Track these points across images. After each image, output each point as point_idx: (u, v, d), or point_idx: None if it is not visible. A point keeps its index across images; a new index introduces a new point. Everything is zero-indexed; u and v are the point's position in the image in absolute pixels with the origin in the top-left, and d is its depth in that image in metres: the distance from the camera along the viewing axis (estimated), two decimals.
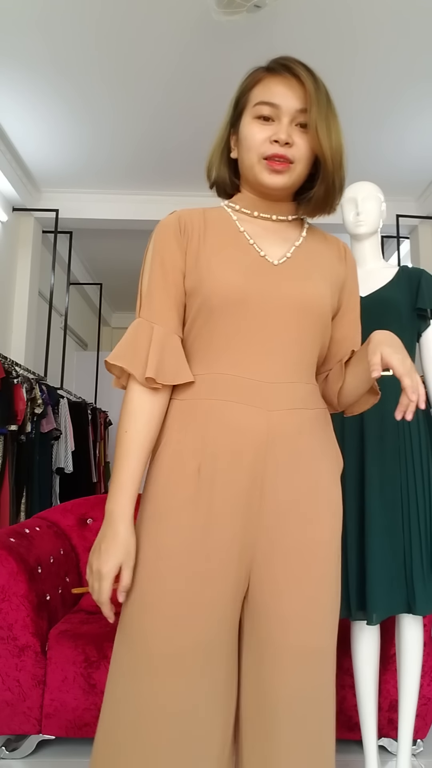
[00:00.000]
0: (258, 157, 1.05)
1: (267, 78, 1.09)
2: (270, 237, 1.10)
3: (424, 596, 1.62)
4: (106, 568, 0.97)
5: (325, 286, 1.08)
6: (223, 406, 1.01)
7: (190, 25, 2.90)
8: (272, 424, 1.01)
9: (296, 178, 1.07)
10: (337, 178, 1.08)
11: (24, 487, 3.69)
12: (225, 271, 1.03)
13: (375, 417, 1.72)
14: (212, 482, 0.99)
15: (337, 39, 2.98)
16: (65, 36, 2.98)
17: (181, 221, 1.08)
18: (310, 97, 1.04)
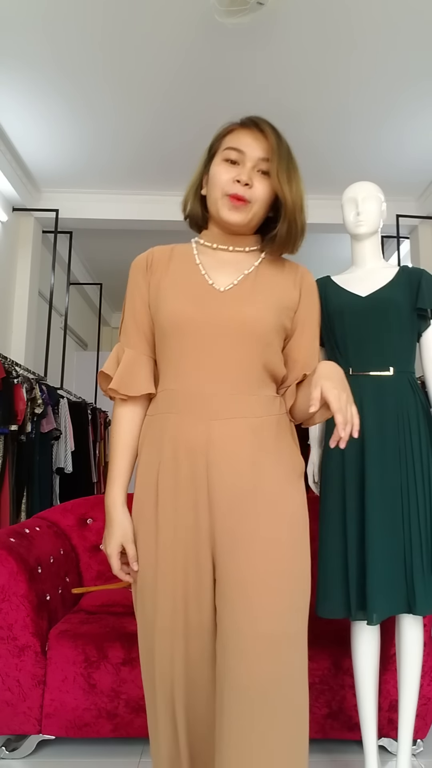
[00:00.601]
0: (221, 194, 1.20)
1: (238, 129, 1.24)
2: (223, 267, 1.24)
3: (424, 596, 1.62)
4: (110, 550, 1.18)
5: (268, 310, 1.19)
6: (172, 418, 1.17)
7: (191, 26, 2.90)
8: (212, 432, 1.14)
9: (252, 216, 1.22)
10: (298, 220, 1.23)
11: (24, 487, 3.69)
12: (174, 300, 1.20)
13: (375, 417, 1.72)
14: (164, 487, 1.16)
15: (336, 39, 2.98)
16: (66, 36, 2.98)
17: (149, 259, 1.28)
18: (273, 148, 1.20)
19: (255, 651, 1.05)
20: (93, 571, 2.47)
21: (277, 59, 3.13)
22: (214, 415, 1.15)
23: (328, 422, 1.83)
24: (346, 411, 1.05)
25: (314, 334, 1.28)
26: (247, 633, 1.06)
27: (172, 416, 1.17)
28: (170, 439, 1.17)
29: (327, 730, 1.93)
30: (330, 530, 1.72)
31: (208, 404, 1.16)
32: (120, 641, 1.95)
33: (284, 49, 3.05)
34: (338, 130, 3.79)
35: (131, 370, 1.23)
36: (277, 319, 1.20)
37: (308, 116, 3.65)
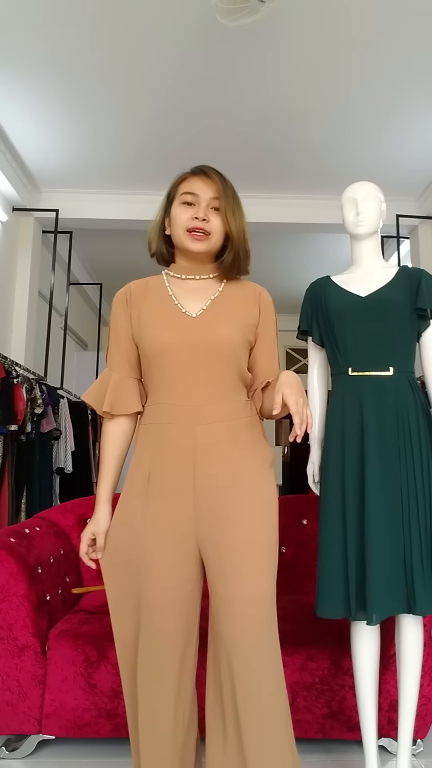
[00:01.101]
0: (183, 230, 1.43)
1: (190, 177, 1.48)
2: (192, 295, 1.47)
3: (424, 596, 1.62)
4: (83, 534, 1.47)
5: (233, 329, 1.42)
6: (163, 427, 1.41)
7: (191, 26, 2.90)
8: (197, 436, 1.38)
9: (212, 245, 1.45)
10: (242, 249, 1.47)
11: (24, 487, 3.69)
12: (154, 328, 1.42)
13: (375, 417, 1.72)
14: (160, 481, 1.39)
15: (336, 40, 2.98)
16: (66, 36, 2.98)
17: (128, 294, 1.50)
18: (220, 191, 1.45)
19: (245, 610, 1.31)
20: (93, 571, 2.47)
21: (278, 59, 3.13)
22: (197, 421, 1.39)
23: (327, 423, 1.83)
24: (303, 413, 1.26)
25: (273, 344, 1.51)
26: (236, 597, 1.31)
27: (163, 425, 1.41)
28: (164, 443, 1.40)
29: (327, 730, 1.93)
30: (330, 530, 1.72)
31: (192, 413, 1.39)
32: None
33: (284, 49, 3.05)
34: (338, 130, 3.79)
35: (119, 393, 1.47)
36: (243, 336, 1.44)
37: (308, 116, 3.65)
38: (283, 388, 1.29)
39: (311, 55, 3.10)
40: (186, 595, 1.36)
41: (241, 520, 1.35)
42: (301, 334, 1.98)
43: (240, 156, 4.12)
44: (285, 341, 8.17)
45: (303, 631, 2.02)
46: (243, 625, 1.30)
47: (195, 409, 1.40)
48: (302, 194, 4.61)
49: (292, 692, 1.92)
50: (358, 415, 1.74)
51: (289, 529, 2.50)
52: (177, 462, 1.38)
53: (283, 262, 5.93)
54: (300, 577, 2.45)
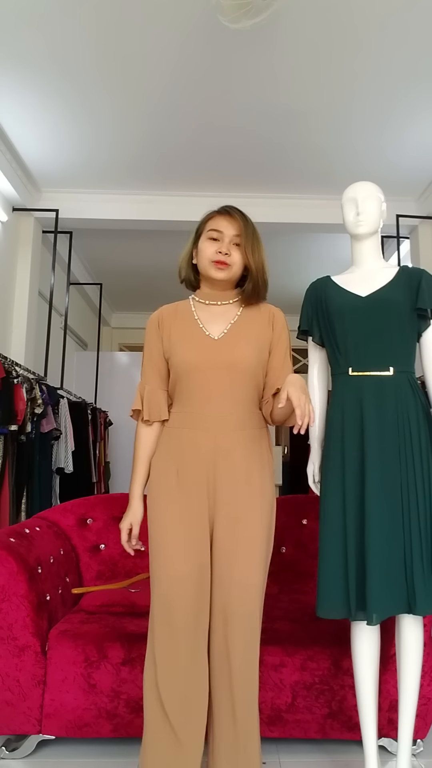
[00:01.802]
0: (209, 261, 1.67)
1: (216, 216, 1.71)
2: (215, 319, 1.71)
3: (424, 596, 1.62)
4: (122, 525, 1.73)
5: (251, 350, 1.66)
6: (189, 432, 1.65)
7: (190, 26, 2.90)
8: (218, 442, 1.63)
9: (233, 274, 1.69)
10: (260, 279, 1.70)
11: (24, 487, 3.69)
12: (183, 349, 1.67)
13: (375, 417, 1.72)
14: (185, 477, 1.63)
15: (337, 39, 2.98)
16: (65, 36, 2.98)
17: (160, 317, 1.76)
18: (241, 229, 1.68)
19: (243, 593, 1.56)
20: (93, 571, 2.47)
21: (278, 59, 3.13)
22: (218, 429, 1.63)
23: (328, 423, 1.83)
24: (304, 407, 1.44)
25: (286, 358, 1.72)
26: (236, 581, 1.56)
27: (187, 430, 1.65)
28: (189, 446, 1.64)
29: (327, 730, 1.93)
30: (330, 530, 1.72)
31: (214, 422, 1.63)
32: (120, 641, 1.95)
33: (285, 49, 3.05)
34: (339, 130, 3.78)
35: (153, 402, 1.72)
36: (258, 356, 1.67)
37: (309, 116, 3.65)
38: (288, 386, 1.49)
39: (312, 54, 3.10)
40: (198, 567, 1.58)
41: (248, 517, 1.60)
42: (301, 334, 1.98)
43: (240, 155, 4.12)
44: None
45: (303, 631, 2.02)
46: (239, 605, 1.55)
47: (216, 418, 1.63)
48: (302, 194, 4.61)
49: (292, 692, 1.93)
50: (358, 415, 1.74)
51: (289, 529, 2.50)
52: (200, 463, 1.62)
53: (283, 262, 5.93)
54: (300, 577, 2.45)
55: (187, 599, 1.56)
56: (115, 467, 6.23)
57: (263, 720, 1.92)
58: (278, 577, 2.44)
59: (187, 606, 1.55)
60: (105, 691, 1.91)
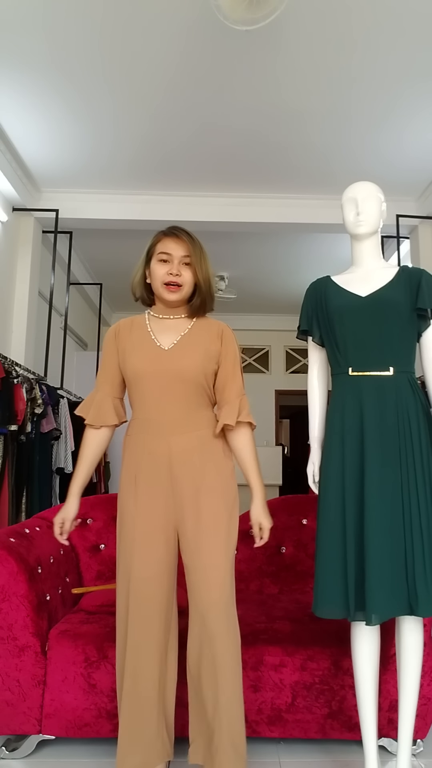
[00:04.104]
0: (161, 283, 1.77)
1: (164, 238, 1.79)
2: (166, 331, 1.80)
3: (426, 597, 1.61)
4: (55, 519, 1.82)
5: (198, 360, 1.75)
6: (144, 437, 1.76)
7: (191, 26, 2.90)
8: (171, 445, 1.74)
9: (184, 294, 1.79)
10: (208, 294, 1.81)
11: (24, 487, 3.69)
12: (134, 358, 1.77)
13: (375, 417, 1.72)
14: (144, 482, 1.74)
15: (337, 40, 2.98)
16: (66, 35, 2.98)
17: (117, 330, 1.85)
18: (190, 249, 1.78)
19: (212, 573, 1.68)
20: (93, 571, 2.47)
21: (278, 59, 3.13)
22: (170, 433, 1.74)
23: (327, 423, 1.83)
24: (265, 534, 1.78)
25: (234, 369, 1.82)
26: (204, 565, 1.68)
27: (142, 436, 1.76)
28: (144, 451, 1.75)
29: (327, 730, 1.93)
30: (328, 530, 1.72)
31: (166, 427, 1.74)
32: None
33: (284, 49, 3.05)
34: (338, 130, 3.79)
35: (100, 408, 1.81)
36: (205, 365, 1.76)
37: (308, 116, 3.65)
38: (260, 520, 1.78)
39: (311, 54, 3.10)
40: (165, 568, 1.72)
41: (209, 510, 1.71)
42: (301, 334, 1.98)
43: (240, 155, 4.12)
44: (285, 341, 8.19)
45: (303, 631, 2.02)
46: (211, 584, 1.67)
47: (168, 423, 1.74)
48: (302, 194, 4.62)
49: (292, 692, 1.93)
50: (358, 415, 1.74)
51: (289, 529, 2.50)
52: (156, 467, 1.73)
53: (283, 262, 5.93)
54: (300, 577, 2.45)
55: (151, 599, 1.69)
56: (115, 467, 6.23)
57: (263, 720, 1.92)
58: (278, 577, 2.43)
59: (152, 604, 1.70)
60: (105, 691, 1.91)
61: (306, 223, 4.72)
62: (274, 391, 8.14)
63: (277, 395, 8.17)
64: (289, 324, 7.40)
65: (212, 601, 1.67)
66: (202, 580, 1.68)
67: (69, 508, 1.82)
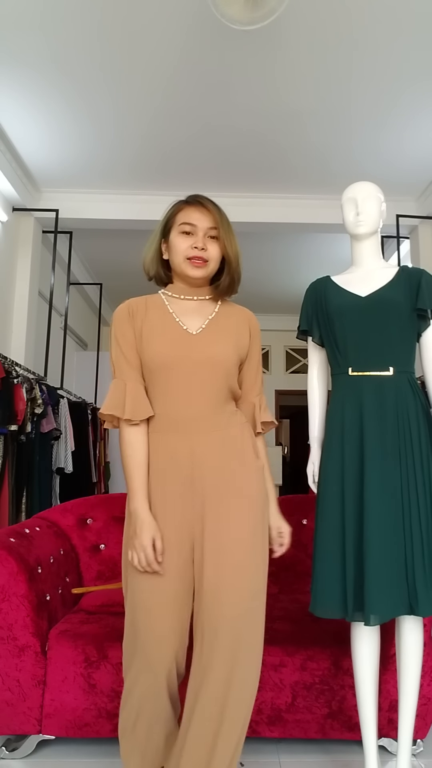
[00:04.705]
0: (184, 258, 1.53)
1: (186, 207, 1.57)
2: (191, 314, 1.57)
3: (426, 597, 1.61)
4: (145, 542, 1.44)
5: (230, 348, 1.55)
6: (162, 436, 1.51)
7: (191, 26, 2.90)
8: (194, 445, 1.49)
9: (210, 271, 1.56)
10: (236, 273, 1.59)
11: (24, 487, 3.69)
12: (157, 344, 1.51)
13: (375, 417, 1.72)
14: (164, 490, 1.49)
15: (337, 40, 2.98)
16: (66, 35, 2.98)
17: (130, 308, 1.57)
18: (217, 220, 1.55)
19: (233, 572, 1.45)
20: (93, 571, 2.47)
21: (278, 59, 3.13)
22: (194, 431, 1.50)
23: (327, 423, 1.83)
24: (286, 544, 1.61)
25: (258, 365, 1.67)
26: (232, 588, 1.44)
27: (162, 435, 1.51)
28: (164, 452, 1.50)
29: (327, 730, 1.93)
30: (328, 530, 1.72)
31: (189, 424, 1.50)
32: (120, 641, 1.95)
33: (284, 49, 3.05)
34: (338, 130, 3.79)
35: (138, 399, 1.52)
36: (236, 355, 1.56)
37: (308, 116, 3.65)
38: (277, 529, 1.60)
39: (311, 55, 3.10)
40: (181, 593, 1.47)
41: (237, 519, 1.48)
42: (301, 334, 1.98)
43: (240, 156, 4.12)
44: (285, 341, 8.18)
45: (303, 631, 2.02)
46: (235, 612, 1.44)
47: (192, 420, 1.51)
48: (302, 194, 4.62)
49: (292, 692, 1.92)
50: (358, 415, 1.74)
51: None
52: (177, 470, 1.48)
53: (283, 262, 5.93)
54: (300, 577, 2.45)
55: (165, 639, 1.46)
56: (115, 467, 6.23)
57: (263, 720, 1.92)
58: (278, 577, 2.43)
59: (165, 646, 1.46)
60: (105, 691, 1.91)
61: (306, 223, 4.72)
62: (274, 391, 8.14)
63: (277, 395, 8.18)
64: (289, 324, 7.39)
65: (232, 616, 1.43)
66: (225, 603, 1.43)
67: (150, 522, 1.47)
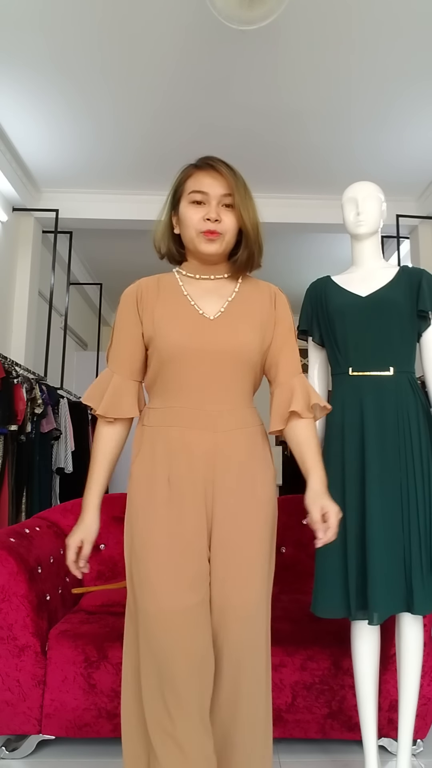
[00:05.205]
0: (196, 232, 1.36)
1: (196, 173, 1.39)
2: (208, 295, 1.40)
3: (422, 596, 1.62)
4: (70, 541, 1.37)
5: (252, 333, 1.38)
6: (178, 431, 1.35)
7: (191, 26, 2.90)
8: (218, 442, 1.34)
9: (226, 245, 1.38)
10: (256, 245, 1.41)
11: (24, 487, 3.69)
12: (170, 330, 1.35)
13: (375, 417, 1.72)
14: (179, 487, 1.33)
15: (336, 40, 2.98)
16: (66, 35, 2.98)
17: (139, 290, 1.42)
18: (232, 185, 1.36)
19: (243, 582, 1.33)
20: (93, 571, 2.47)
21: (278, 59, 3.13)
22: (217, 427, 1.35)
23: (328, 423, 1.83)
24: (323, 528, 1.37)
25: (292, 343, 1.47)
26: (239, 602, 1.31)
27: (178, 429, 1.35)
28: (182, 448, 1.34)
29: (327, 730, 1.93)
30: None
31: (212, 419, 1.35)
32: (120, 641, 1.95)
33: (284, 49, 3.05)
34: (338, 130, 3.78)
35: (118, 396, 1.40)
36: (261, 340, 1.40)
37: (308, 116, 3.65)
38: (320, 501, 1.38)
39: (311, 55, 3.10)
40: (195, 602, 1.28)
41: (255, 532, 1.36)
42: (301, 334, 1.97)
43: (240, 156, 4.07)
44: None
45: (303, 631, 2.02)
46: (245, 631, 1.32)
47: (215, 415, 1.35)
48: (302, 194, 4.61)
49: (292, 692, 1.92)
50: (358, 415, 1.74)
51: (289, 529, 2.49)
52: (197, 468, 1.33)
53: (283, 262, 5.92)
54: (300, 577, 2.45)
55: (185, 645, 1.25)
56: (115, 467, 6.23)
57: None
58: (278, 577, 2.42)
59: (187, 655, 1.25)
60: (105, 691, 1.91)
61: (306, 223, 4.72)
62: None
63: None
64: None
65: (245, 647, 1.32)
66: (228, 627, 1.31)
67: (89, 525, 1.39)
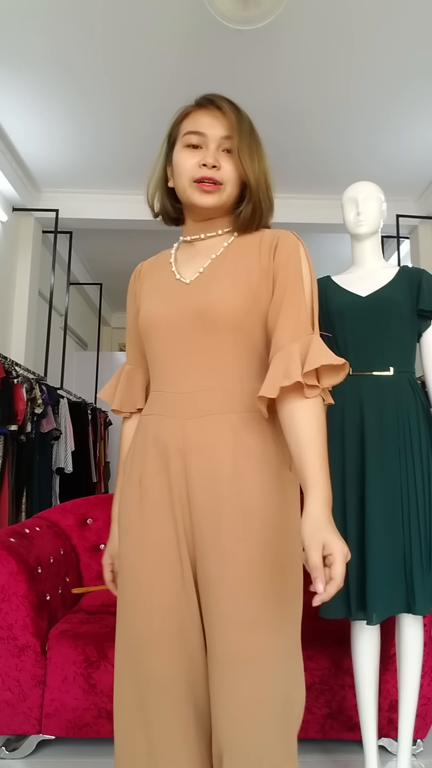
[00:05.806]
0: (189, 181, 1.12)
1: (194, 111, 1.19)
2: (193, 258, 1.17)
3: (422, 596, 1.62)
4: (103, 561, 1.25)
5: (232, 291, 1.07)
6: (153, 419, 1.12)
7: (191, 26, 2.90)
8: (187, 432, 1.06)
9: (226, 198, 1.13)
10: (263, 198, 1.15)
11: (24, 487, 3.69)
12: (147, 302, 1.16)
13: (375, 417, 1.72)
14: (146, 489, 1.10)
15: (336, 40, 2.98)
16: (66, 35, 2.98)
17: (136, 272, 1.28)
18: (233, 125, 1.13)
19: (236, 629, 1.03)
20: (93, 571, 2.47)
21: (278, 59, 3.13)
22: (188, 413, 1.07)
23: (327, 423, 1.83)
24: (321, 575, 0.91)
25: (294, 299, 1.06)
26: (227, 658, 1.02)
27: (152, 417, 1.12)
28: (151, 440, 1.11)
29: (327, 730, 1.93)
30: None
31: (183, 402, 1.08)
32: None
33: (284, 49, 3.05)
34: (338, 130, 3.79)
35: (129, 387, 1.26)
36: (251, 299, 1.07)
37: (308, 116, 3.65)
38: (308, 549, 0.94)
39: (311, 55, 3.10)
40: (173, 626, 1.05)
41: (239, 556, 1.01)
42: None
43: None
44: None
45: (303, 631, 2.01)
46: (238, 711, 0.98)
47: (184, 397, 1.08)
48: (302, 194, 4.61)
49: None
50: (358, 415, 1.74)
51: None
52: (165, 465, 1.08)
53: None
54: None
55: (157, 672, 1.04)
56: (115, 467, 6.24)
57: None
58: None
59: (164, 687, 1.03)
60: (105, 691, 1.91)
61: (306, 223, 4.72)
62: None
63: None
64: None
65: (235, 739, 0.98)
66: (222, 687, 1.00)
67: (114, 539, 1.24)
